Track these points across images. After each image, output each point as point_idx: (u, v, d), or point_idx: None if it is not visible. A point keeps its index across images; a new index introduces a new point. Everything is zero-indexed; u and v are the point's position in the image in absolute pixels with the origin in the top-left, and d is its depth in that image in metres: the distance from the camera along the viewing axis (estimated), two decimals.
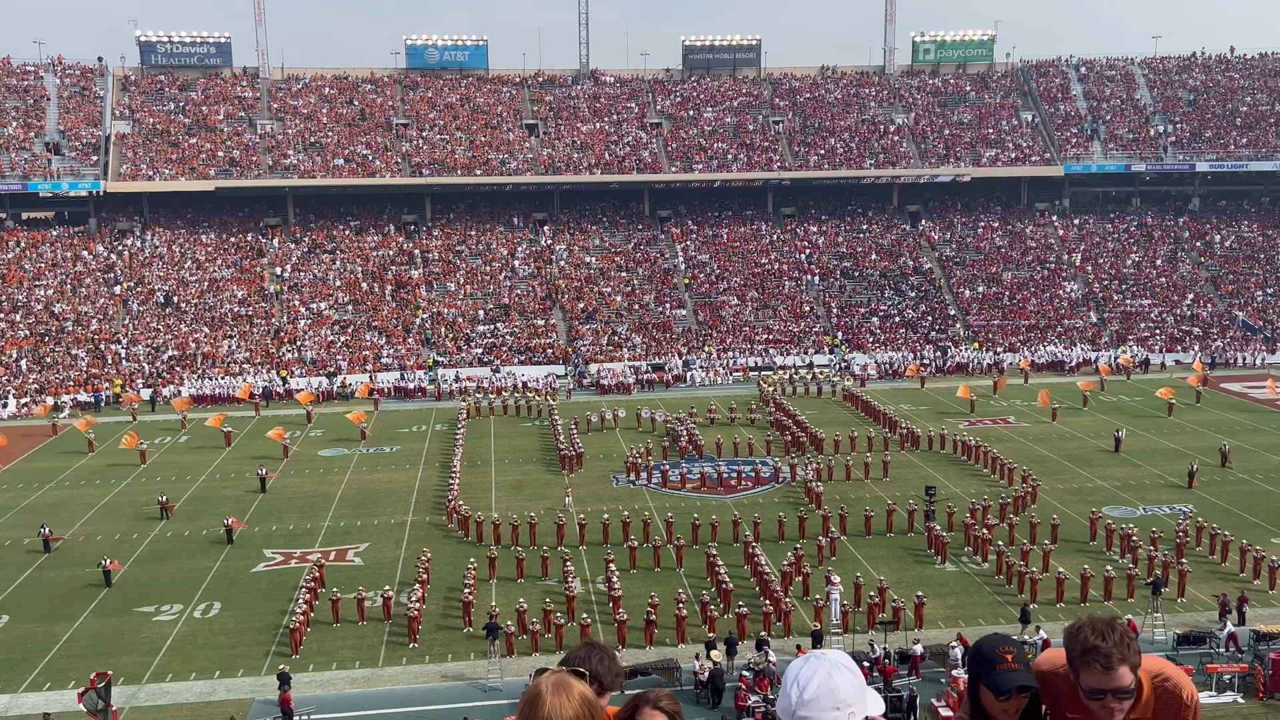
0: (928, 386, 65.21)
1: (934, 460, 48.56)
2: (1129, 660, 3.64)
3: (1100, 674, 3.63)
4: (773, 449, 50.90)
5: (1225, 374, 67.62)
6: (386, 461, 50.50)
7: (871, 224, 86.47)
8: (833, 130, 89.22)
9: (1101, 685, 3.64)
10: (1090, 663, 3.63)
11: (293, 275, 76.92)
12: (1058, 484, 44.21)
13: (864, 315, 76.83)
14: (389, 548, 38.37)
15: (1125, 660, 3.63)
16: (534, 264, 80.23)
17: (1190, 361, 69.61)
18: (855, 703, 3.09)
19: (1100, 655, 3.62)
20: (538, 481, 46.52)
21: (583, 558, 36.20)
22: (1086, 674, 3.65)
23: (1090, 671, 3.63)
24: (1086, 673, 3.64)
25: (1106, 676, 3.63)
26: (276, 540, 39.45)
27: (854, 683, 3.15)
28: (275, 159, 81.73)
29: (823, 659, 3.19)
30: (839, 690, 3.09)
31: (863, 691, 3.16)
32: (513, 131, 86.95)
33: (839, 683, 3.10)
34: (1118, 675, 3.63)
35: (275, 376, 66.83)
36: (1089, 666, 3.63)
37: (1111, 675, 3.63)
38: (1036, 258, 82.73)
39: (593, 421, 55.90)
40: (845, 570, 33.78)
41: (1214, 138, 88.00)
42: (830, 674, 3.11)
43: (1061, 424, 54.64)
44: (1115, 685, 3.65)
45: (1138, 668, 3.68)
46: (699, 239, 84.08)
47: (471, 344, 71.74)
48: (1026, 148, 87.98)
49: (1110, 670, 3.62)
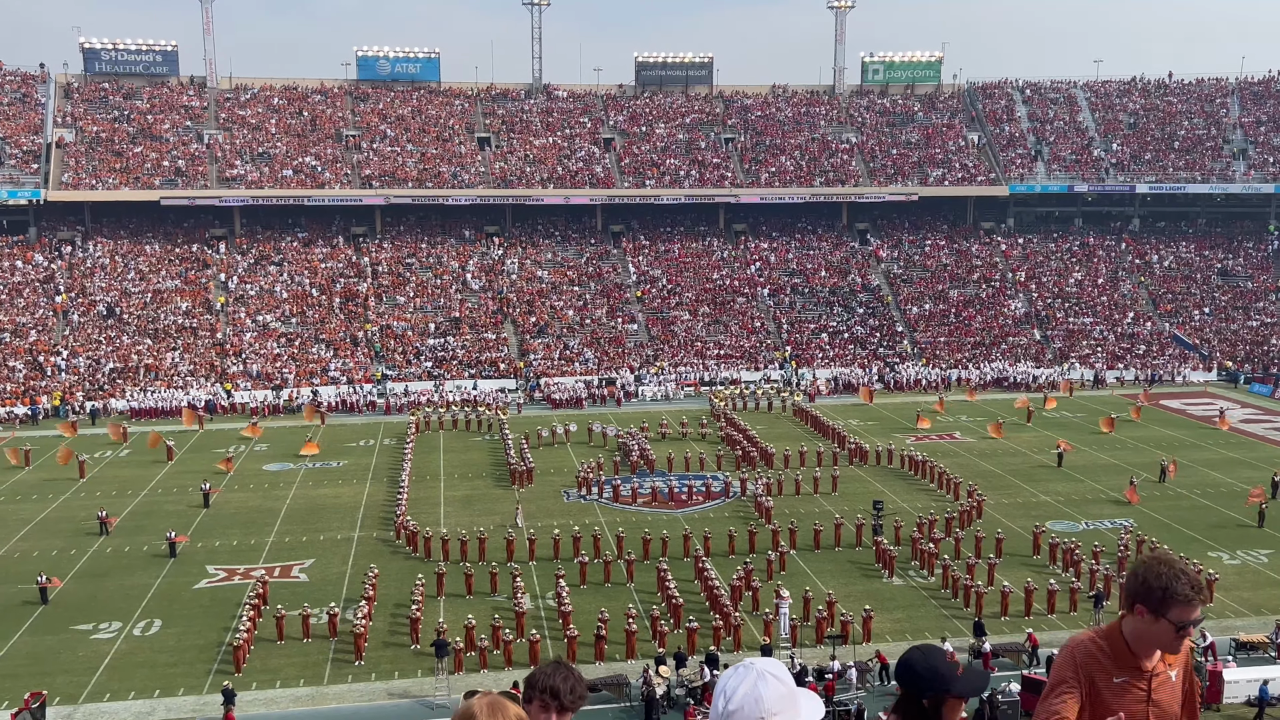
0: (876, 401, 65.83)
1: (882, 475, 49.02)
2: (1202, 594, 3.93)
3: (1186, 608, 3.87)
4: (723, 464, 51.07)
5: (1164, 390, 69.07)
6: (333, 476, 49.92)
7: (821, 241, 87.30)
8: (783, 148, 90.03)
9: (1188, 618, 3.88)
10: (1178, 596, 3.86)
11: (238, 287, 75.87)
12: (1003, 499, 44.82)
13: (814, 331, 77.46)
14: (335, 564, 37.90)
15: (1200, 593, 3.93)
16: (485, 277, 79.92)
17: (1130, 379, 71.13)
18: (782, 711, 3.06)
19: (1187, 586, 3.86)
20: (487, 496, 46.25)
21: (533, 573, 36.03)
22: (1175, 609, 3.86)
23: (1178, 606, 3.87)
24: (1175, 608, 3.86)
25: (1191, 609, 3.88)
26: (220, 556, 38.80)
27: (780, 691, 3.11)
28: (222, 169, 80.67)
29: (750, 668, 3.17)
30: (764, 699, 3.07)
31: (793, 699, 3.13)
32: (465, 145, 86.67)
33: (764, 691, 3.08)
34: (1198, 608, 3.90)
35: (219, 389, 65.82)
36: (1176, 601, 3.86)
37: (1194, 608, 3.89)
38: (982, 276, 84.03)
39: (544, 436, 55.73)
40: (794, 584, 33.97)
41: (1153, 160, 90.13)
42: (756, 683, 3.09)
43: (1006, 439, 55.43)
44: (1196, 617, 3.91)
45: None
46: (651, 254, 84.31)
47: (421, 357, 71.22)
48: (973, 168, 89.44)
49: (1194, 604, 3.89)
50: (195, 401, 63.38)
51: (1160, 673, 3.99)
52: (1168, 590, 3.90)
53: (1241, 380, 71.75)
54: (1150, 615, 3.90)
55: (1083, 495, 45.47)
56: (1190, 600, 3.86)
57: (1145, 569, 3.95)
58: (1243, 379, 71.86)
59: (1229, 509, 43.32)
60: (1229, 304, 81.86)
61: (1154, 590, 3.91)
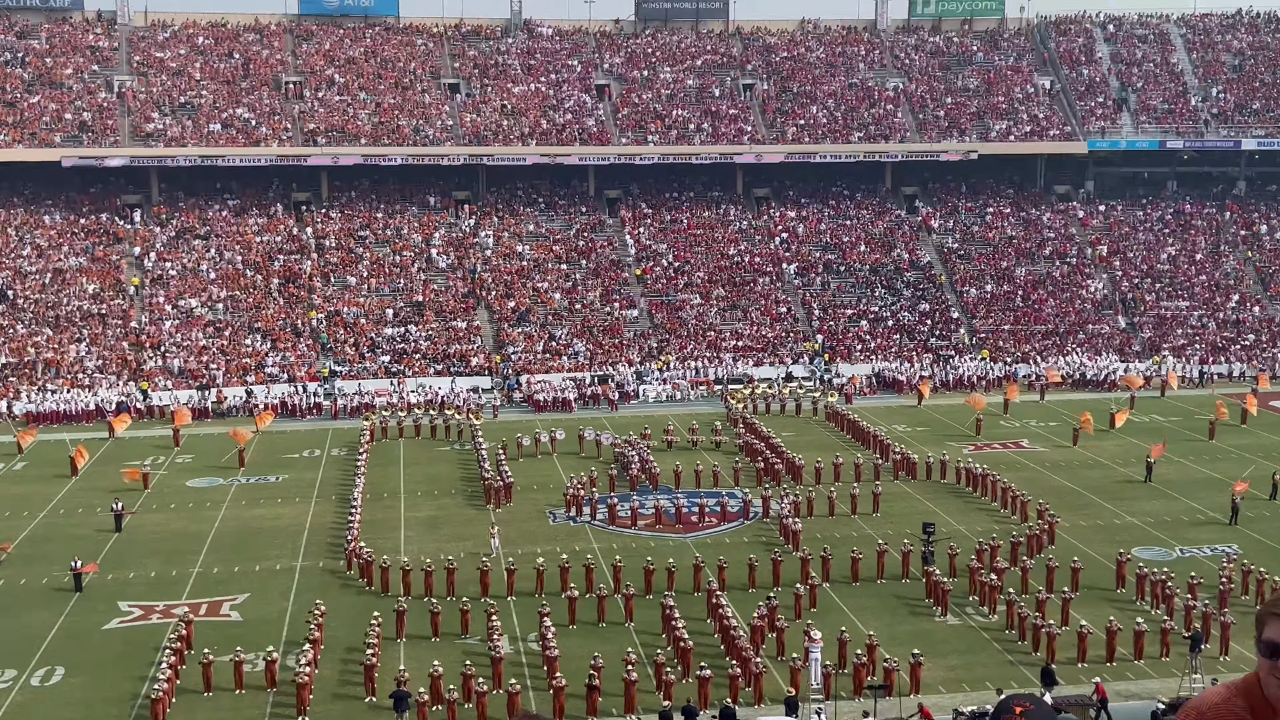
0: (926, 403, 65.86)
1: (934, 491, 49.03)
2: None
3: None
4: (742, 478, 51.10)
5: (1275, 390, 69.00)
6: (271, 494, 49.95)
7: (860, 209, 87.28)
8: (815, 97, 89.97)
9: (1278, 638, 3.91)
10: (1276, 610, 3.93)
11: (157, 266, 75.96)
12: (1079, 520, 44.80)
13: (851, 318, 77.50)
14: (274, 600, 37.93)
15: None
16: (454, 254, 79.97)
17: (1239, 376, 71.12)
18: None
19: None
20: (457, 518, 46.31)
21: (512, 611, 36.04)
22: (1270, 624, 3.92)
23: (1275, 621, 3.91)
24: (1271, 622, 3.92)
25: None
26: (134, 590, 38.82)
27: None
28: (136, 124, 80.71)
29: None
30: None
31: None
32: (429, 93, 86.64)
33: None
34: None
35: (135, 389, 65.93)
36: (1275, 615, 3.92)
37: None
38: (1055, 251, 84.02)
39: (525, 445, 55.82)
40: (828, 624, 33.96)
41: (1263, 110, 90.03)
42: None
43: (1084, 449, 55.35)
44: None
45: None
46: (654, 225, 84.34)
47: (377, 351, 71.33)
48: (1043, 120, 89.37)
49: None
50: (105, 404, 63.47)
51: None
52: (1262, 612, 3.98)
53: None
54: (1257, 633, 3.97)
55: (1177, 516, 45.43)
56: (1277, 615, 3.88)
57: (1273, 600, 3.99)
58: None
59: None
60: None
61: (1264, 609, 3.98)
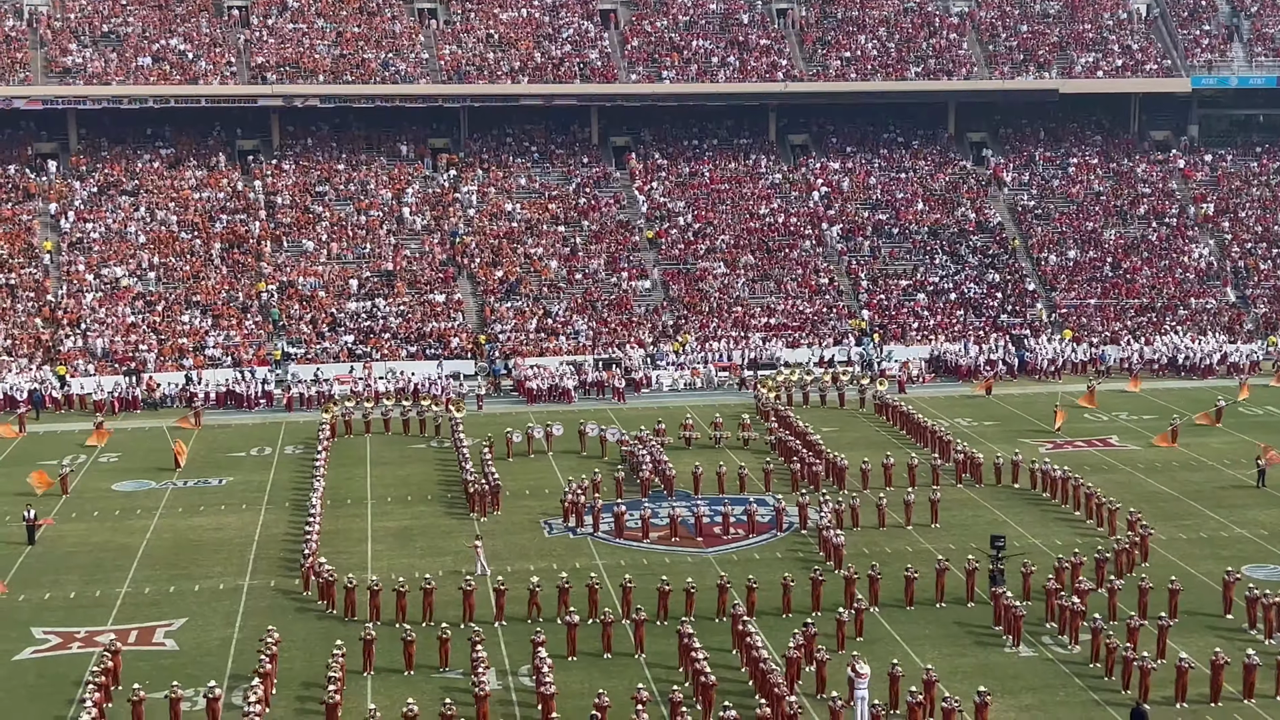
0: (996, 393, 65.85)
1: (1004, 499, 48.98)
2: None
3: None
4: (774, 482, 51.14)
5: None
6: (213, 499, 50.13)
7: (918, 159, 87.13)
8: (863, 24, 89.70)
9: None
10: None
11: (76, 228, 76.13)
12: (1179, 533, 44.79)
13: (906, 291, 77.44)
14: (216, 625, 38.11)
15: None
16: (430, 213, 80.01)
17: None
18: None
19: None
20: (434, 529, 46.46)
21: (500, 639, 36.16)
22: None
23: None
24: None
25: None
26: (51, 614, 39.03)
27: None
28: (51, 57, 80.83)
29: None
30: None
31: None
32: (400, 20, 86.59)
33: None
34: None
35: (50, 375, 66.19)
36: None
37: None
38: (1152, 209, 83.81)
39: (515, 442, 55.96)
40: (877, 655, 34.05)
41: None
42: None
43: (1184, 447, 55.21)
44: None
45: None
46: (670, 178, 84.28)
47: (339, 329, 71.46)
48: (1138, 51, 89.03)
49: None
50: (14, 391, 63.73)
51: None
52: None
53: None
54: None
55: None
56: None
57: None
58: None
59: None
60: None
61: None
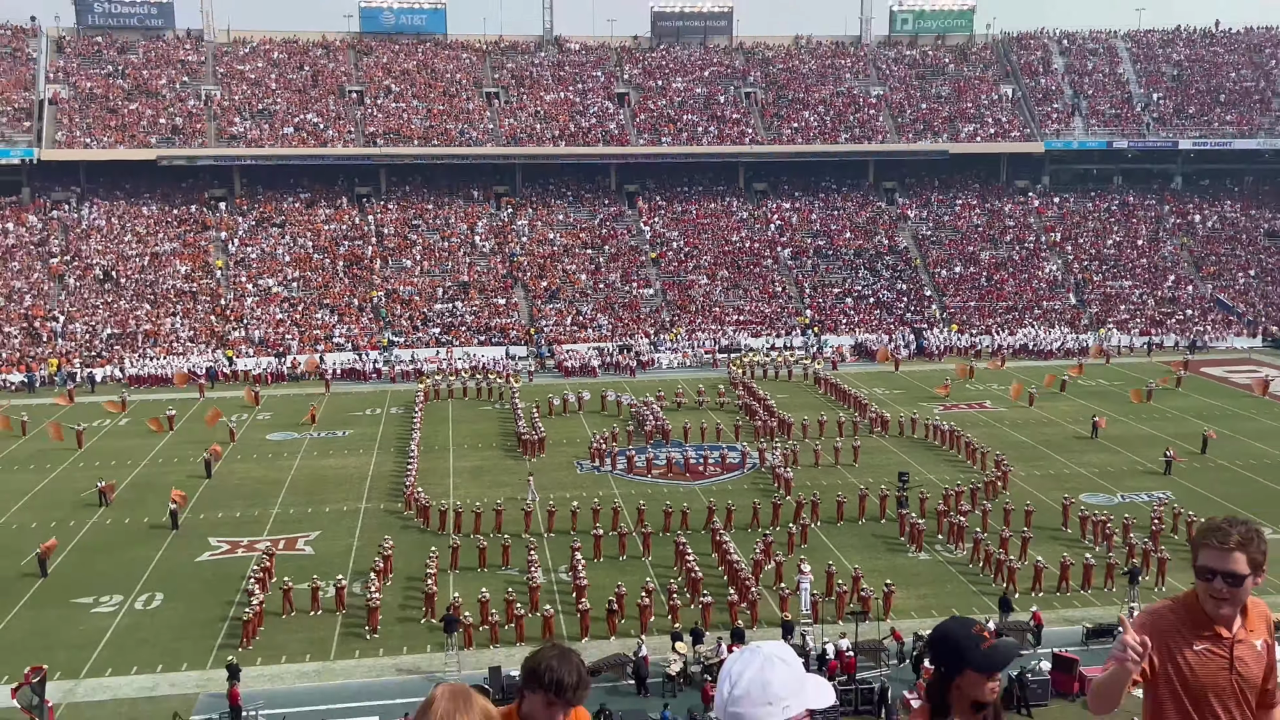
0: (903, 370, 65.78)
1: (907, 445, 49.01)
2: (1248, 550, 3.83)
3: (1215, 552, 3.83)
4: (741, 434, 51.13)
5: (1206, 358, 68.63)
6: (339, 446, 50.21)
7: (846, 201, 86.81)
8: (807, 103, 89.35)
9: (1213, 565, 3.84)
10: (1209, 539, 3.85)
11: (239, 250, 76.08)
12: (1034, 470, 44.78)
13: (838, 295, 77.22)
14: (341, 536, 38.21)
15: (1244, 548, 3.83)
16: (494, 240, 79.88)
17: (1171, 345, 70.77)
18: (790, 696, 3.05)
19: (1219, 532, 3.84)
20: (498, 467, 46.49)
21: (545, 546, 36.24)
22: (1203, 552, 3.85)
23: (1207, 549, 3.84)
24: (1203, 551, 3.85)
25: (1220, 556, 3.82)
26: (222, 528, 39.18)
27: (789, 676, 3.10)
28: (221, 127, 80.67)
29: (757, 652, 3.15)
30: (771, 684, 3.05)
31: (801, 683, 3.12)
32: (472, 100, 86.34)
33: (772, 676, 3.07)
34: (1231, 558, 3.81)
35: (221, 356, 66.19)
36: (1207, 543, 3.85)
37: (1226, 556, 3.81)
38: (1015, 237, 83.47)
39: (555, 405, 55.90)
40: (817, 558, 34.07)
41: (1198, 114, 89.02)
42: (763, 668, 3.07)
43: (1039, 409, 55.26)
44: (1226, 567, 3.82)
45: (1259, 568, 3.88)
46: (668, 215, 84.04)
47: (429, 324, 71.39)
48: (1006, 123, 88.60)
49: (1225, 550, 3.81)
50: (196, 368, 63.76)
51: (1243, 639, 3.96)
52: (1195, 540, 3.94)
53: None
54: (1192, 557, 3.95)
55: (1119, 468, 45.36)
56: (1209, 544, 3.84)
57: (1204, 529, 3.98)
58: None
59: (1273, 481, 43.14)
60: (1276, 267, 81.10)
61: (1198, 532, 3.96)
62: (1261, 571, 3.89)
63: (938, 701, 3.70)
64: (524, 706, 3.90)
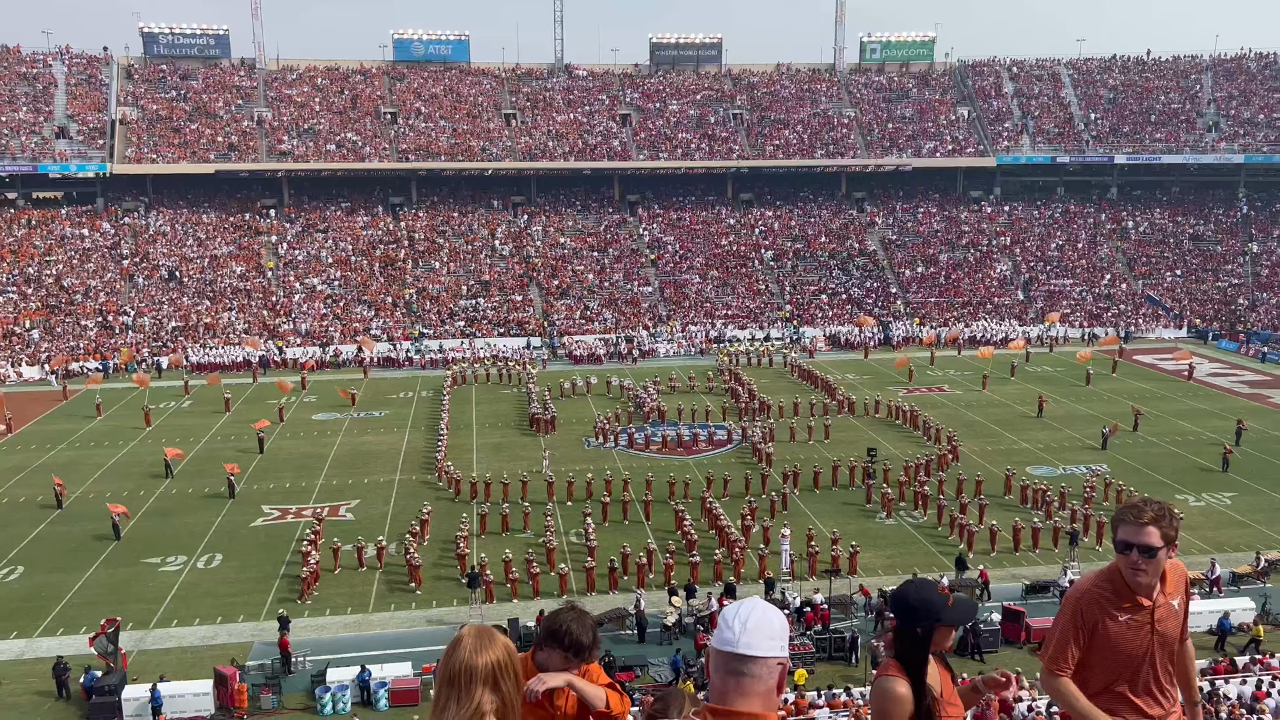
0: (871, 358, 65.74)
1: (873, 424, 48.96)
2: (1161, 526, 3.83)
3: (1131, 527, 3.83)
4: (728, 414, 51.09)
5: (1137, 346, 68.54)
6: (376, 425, 50.22)
7: (821, 209, 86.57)
8: (787, 123, 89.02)
9: (1129, 539, 3.84)
10: (1125, 516, 3.86)
11: (288, 253, 75.93)
12: (986, 446, 44.75)
13: (814, 293, 77.07)
14: (378, 504, 38.25)
15: (1156, 523, 3.82)
16: (512, 244, 79.70)
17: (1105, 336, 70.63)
18: (783, 639, 3.18)
19: (1135, 510, 3.84)
20: (516, 444, 46.48)
21: (557, 514, 36.26)
22: (1121, 528, 3.86)
23: (1124, 525, 3.85)
24: (1121, 527, 3.86)
25: (1135, 530, 3.82)
26: (274, 497, 39.22)
27: (783, 620, 3.23)
28: (271, 144, 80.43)
29: (756, 601, 3.26)
30: (774, 623, 3.17)
31: (787, 633, 3.23)
32: (493, 120, 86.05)
33: (774, 618, 3.18)
34: (1145, 532, 3.81)
35: (272, 345, 66.16)
36: (1124, 520, 3.85)
37: (1140, 531, 3.81)
38: (970, 241, 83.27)
39: (565, 388, 55.83)
40: (797, 524, 34.07)
41: (1131, 132, 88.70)
42: (765, 611, 3.19)
43: (990, 392, 55.23)
44: (1141, 541, 3.82)
45: (1171, 541, 3.87)
46: (664, 222, 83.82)
47: (454, 317, 71.30)
48: (962, 140, 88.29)
49: (1140, 525, 3.81)
50: (251, 356, 63.72)
51: (1162, 604, 3.97)
52: (1114, 517, 3.95)
53: (1210, 337, 71.18)
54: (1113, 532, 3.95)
55: (1060, 443, 45.34)
56: (1126, 520, 3.85)
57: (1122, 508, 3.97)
58: (1211, 336, 71.28)
59: (1196, 455, 43.15)
60: (1199, 267, 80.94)
61: (1119, 510, 3.96)
62: (1174, 545, 3.89)
63: (912, 658, 3.68)
64: (538, 657, 3.89)
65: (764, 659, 3.11)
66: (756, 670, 3.11)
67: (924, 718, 3.60)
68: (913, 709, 3.60)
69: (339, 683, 24.64)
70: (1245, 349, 67.39)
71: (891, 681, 3.63)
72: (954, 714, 3.72)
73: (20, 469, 43.13)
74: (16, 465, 43.69)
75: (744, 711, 3.10)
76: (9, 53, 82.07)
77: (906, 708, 3.59)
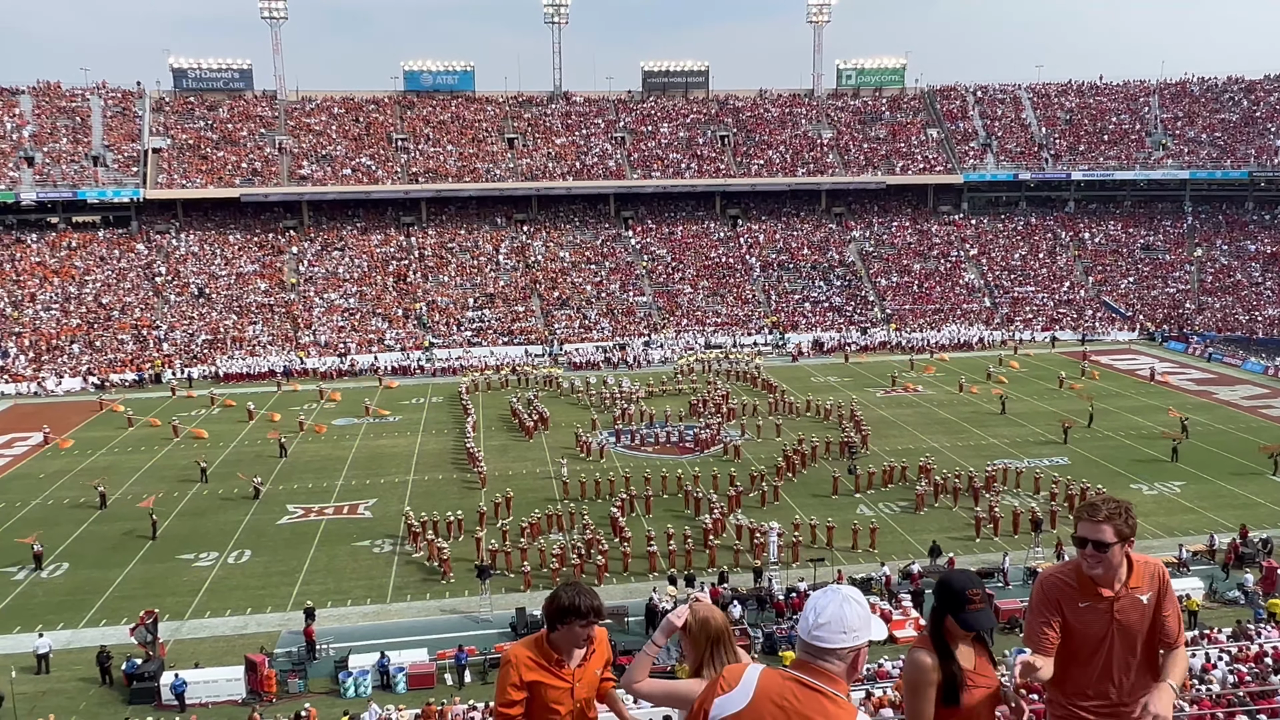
0: (851, 361, 65.94)
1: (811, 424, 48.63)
2: (1114, 523, 3.88)
3: (1088, 524, 3.90)
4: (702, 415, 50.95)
5: (1094, 348, 68.81)
6: (390, 430, 50.26)
7: (803, 223, 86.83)
8: (770, 144, 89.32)
9: (1086, 534, 3.90)
10: (1083, 514, 3.93)
11: (308, 270, 76.02)
12: (957, 441, 44.91)
13: (798, 301, 77.29)
14: (394, 503, 38.30)
15: (1110, 521, 3.87)
16: (515, 258, 79.84)
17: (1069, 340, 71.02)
18: (861, 629, 3.18)
19: (1092, 509, 3.92)
20: (520, 445, 46.56)
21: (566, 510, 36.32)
22: (1080, 525, 3.93)
23: (1082, 522, 3.92)
24: (1080, 524, 3.93)
25: (1091, 527, 3.88)
26: (297, 497, 39.28)
27: (861, 613, 3.22)
28: (291, 170, 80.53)
29: (838, 592, 3.24)
30: (848, 618, 3.17)
31: (868, 620, 3.23)
32: (496, 144, 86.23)
33: (848, 612, 3.18)
34: (1100, 529, 3.87)
35: (294, 356, 66.22)
36: (1081, 518, 3.93)
37: (1095, 527, 3.88)
38: (940, 252, 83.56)
39: (565, 390, 55.77)
40: (784, 516, 34.20)
41: (1086, 151, 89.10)
42: (842, 605, 3.19)
43: (965, 393, 55.33)
44: (1095, 537, 3.88)
45: (1126, 538, 3.91)
46: (657, 236, 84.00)
47: (462, 328, 71.40)
48: (932, 159, 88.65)
49: (1095, 522, 3.88)
50: (274, 366, 63.75)
51: (1125, 596, 3.99)
52: (1075, 515, 4.04)
53: (1159, 339, 71.55)
54: None
55: (1024, 438, 45.53)
56: (1084, 518, 3.93)
57: (1082, 506, 4.04)
58: (1160, 338, 71.66)
59: (1148, 448, 43.38)
60: (1150, 274, 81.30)
61: (1079, 509, 4.05)
62: (1129, 540, 3.94)
63: (937, 635, 3.84)
64: (552, 636, 4.06)
65: (835, 649, 3.17)
66: (827, 656, 3.17)
67: (949, 686, 3.74)
68: (939, 678, 3.75)
69: (360, 668, 24.76)
70: (1191, 349, 67.75)
71: (918, 653, 3.82)
72: (985, 684, 3.81)
73: (64, 472, 43.15)
74: (61, 469, 43.72)
75: (816, 684, 3.15)
76: (50, 88, 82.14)
77: (931, 676, 3.74)
